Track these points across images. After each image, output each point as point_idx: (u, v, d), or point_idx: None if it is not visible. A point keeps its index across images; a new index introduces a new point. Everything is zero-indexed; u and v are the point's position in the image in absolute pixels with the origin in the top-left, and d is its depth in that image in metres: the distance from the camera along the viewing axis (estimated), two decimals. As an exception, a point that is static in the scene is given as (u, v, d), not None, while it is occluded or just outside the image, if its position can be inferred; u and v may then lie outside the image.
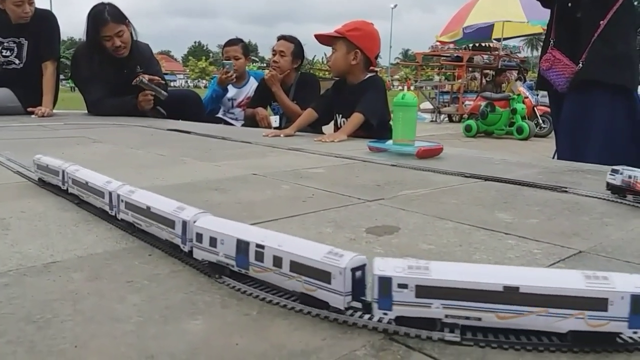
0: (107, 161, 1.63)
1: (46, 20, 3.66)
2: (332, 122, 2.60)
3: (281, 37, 3.42)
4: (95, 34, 3.38)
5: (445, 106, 11.23)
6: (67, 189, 1.01)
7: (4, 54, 3.65)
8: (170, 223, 0.71)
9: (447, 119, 11.20)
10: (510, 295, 0.48)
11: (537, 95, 8.11)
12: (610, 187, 1.12)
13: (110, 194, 0.85)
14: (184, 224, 0.69)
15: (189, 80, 59.37)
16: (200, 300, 0.58)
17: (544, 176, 1.39)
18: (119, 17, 3.42)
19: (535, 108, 7.65)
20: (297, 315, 0.54)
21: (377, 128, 2.29)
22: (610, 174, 1.12)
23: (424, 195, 1.13)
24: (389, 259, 0.52)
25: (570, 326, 0.48)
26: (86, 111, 3.85)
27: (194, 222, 0.67)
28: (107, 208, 0.86)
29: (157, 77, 3.47)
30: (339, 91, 2.47)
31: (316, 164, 1.59)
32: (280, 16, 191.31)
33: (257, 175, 1.36)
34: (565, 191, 1.18)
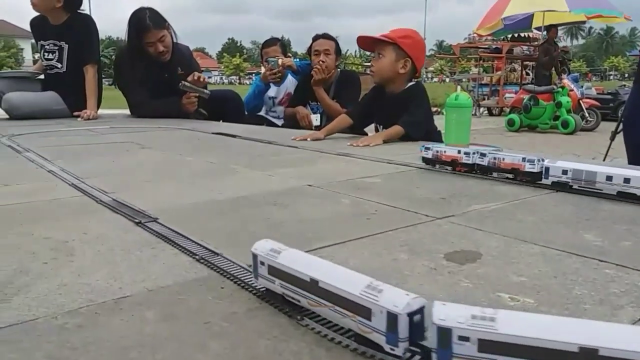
0: (159, 171, 1.61)
1: (85, 25, 3.71)
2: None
3: (320, 37, 3.36)
4: (137, 40, 3.40)
5: (485, 99, 10.98)
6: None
7: (46, 57, 3.73)
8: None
9: (486, 112, 10.95)
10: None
11: (582, 87, 7.83)
12: (424, 160, 1.53)
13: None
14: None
15: (223, 77, 60.03)
16: (286, 349, 0.53)
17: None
18: (160, 22, 3.44)
19: (580, 101, 7.38)
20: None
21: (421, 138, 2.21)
22: (424, 152, 1.52)
23: (496, 211, 1.06)
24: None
25: None
26: (129, 112, 3.90)
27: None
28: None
29: (199, 75, 3.47)
30: (378, 99, 2.35)
31: (370, 172, 1.53)
32: (314, 10, 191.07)
33: (313, 186, 1.32)
34: (650, 205, 1.09)
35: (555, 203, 1.14)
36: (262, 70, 3.95)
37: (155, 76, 3.52)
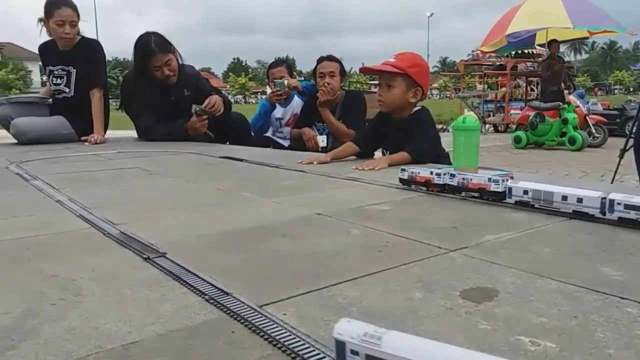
0: (168, 199, 1.60)
1: (92, 49, 3.75)
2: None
3: (325, 58, 3.38)
4: (143, 64, 3.43)
5: (490, 116, 10.98)
6: None
7: (55, 82, 3.76)
8: None
9: (492, 128, 10.95)
10: None
11: (588, 103, 7.82)
12: (400, 180, 1.62)
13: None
14: None
15: (229, 96, 60.50)
16: (302, 403, 0.51)
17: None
18: (166, 47, 3.47)
19: (587, 117, 7.36)
20: None
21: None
22: (400, 173, 1.62)
23: (510, 242, 1.04)
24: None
25: None
26: (136, 135, 3.92)
27: None
28: None
29: (215, 103, 3.47)
30: (384, 125, 2.34)
31: (378, 198, 1.52)
32: (317, 29, 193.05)
33: (322, 215, 1.30)
34: (667, 233, 1.06)
35: (570, 232, 1.11)
36: (268, 89, 3.97)
37: (161, 99, 3.54)
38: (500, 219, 1.24)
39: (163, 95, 3.53)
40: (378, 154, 2.48)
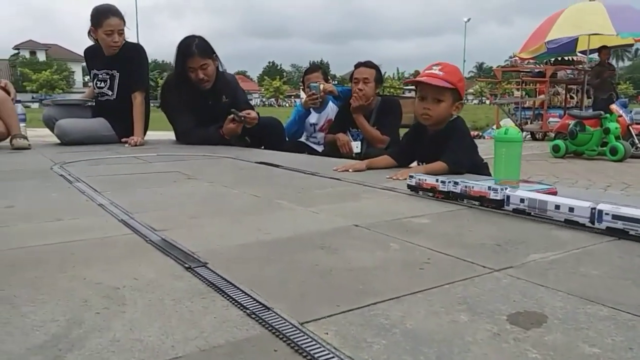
0: (206, 205, 1.61)
1: (136, 53, 3.84)
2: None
3: (361, 64, 3.37)
4: (182, 65, 3.49)
5: (527, 123, 10.74)
6: None
7: (98, 85, 3.86)
8: None
9: (529, 136, 10.70)
10: None
11: (632, 112, 7.56)
12: (409, 186, 1.71)
13: None
14: None
15: (264, 99, 61.10)
16: None
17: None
18: (206, 51, 3.52)
19: (630, 127, 7.11)
20: None
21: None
22: (409, 180, 1.72)
23: (557, 263, 1.00)
24: None
25: None
26: (174, 137, 3.98)
27: None
28: None
29: (253, 116, 3.50)
30: (419, 137, 2.32)
31: (417, 210, 1.50)
32: (352, 33, 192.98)
33: (360, 227, 1.29)
34: None
35: (620, 253, 1.07)
36: (302, 95, 3.99)
37: (199, 103, 3.59)
38: (545, 236, 1.20)
39: (201, 99, 3.58)
40: (414, 163, 2.45)
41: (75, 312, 0.77)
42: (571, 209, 1.25)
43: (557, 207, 1.28)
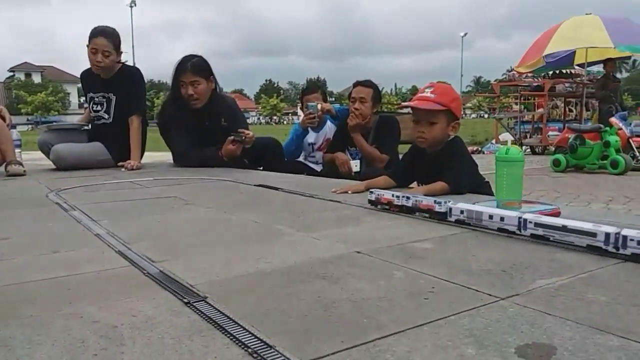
0: (205, 232, 1.61)
1: (132, 76, 3.86)
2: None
3: (359, 83, 3.40)
4: (175, 80, 3.52)
5: (527, 137, 10.78)
6: None
7: (94, 109, 3.87)
8: None
9: (529, 150, 10.73)
10: None
11: (631, 125, 7.59)
12: (369, 201, 1.89)
13: None
14: None
15: (260, 117, 61.37)
16: None
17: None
18: (201, 69, 3.54)
19: (630, 140, 7.13)
20: None
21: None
22: (369, 195, 1.90)
23: (564, 289, 0.99)
24: None
25: None
26: (171, 158, 3.98)
27: None
28: None
29: (251, 137, 3.50)
30: (419, 158, 2.33)
31: (420, 233, 1.49)
32: (350, 50, 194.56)
33: (362, 253, 1.28)
34: None
35: (627, 277, 1.06)
36: (299, 112, 4.01)
37: (196, 123, 3.59)
38: (550, 260, 1.19)
39: (197, 119, 3.59)
40: (415, 184, 2.44)
41: (73, 354, 0.76)
42: (502, 218, 1.42)
43: (491, 217, 1.45)
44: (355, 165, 3.34)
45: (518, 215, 1.39)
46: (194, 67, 3.51)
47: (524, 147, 10.39)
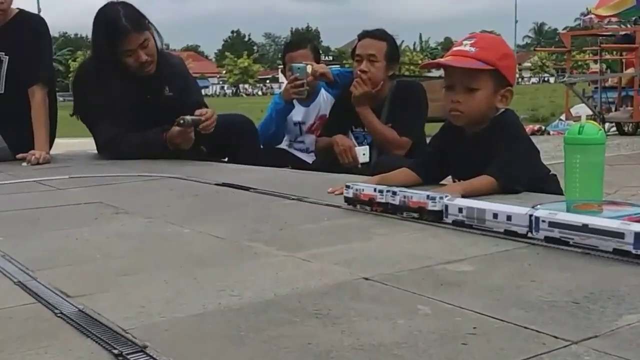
0: (143, 254, 1.62)
1: (33, 28, 3.81)
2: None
3: (367, 34, 3.40)
4: (111, 50, 3.48)
5: (612, 110, 10.84)
6: None
7: None
8: None
9: (614, 128, 10.80)
10: None
11: None
12: (345, 199, 2.02)
13: None
14: None
15: (225, 86, 61.21)
16: None
17: None
18: (141, 23, 3.54)
19: None
20: None
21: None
22: (345, 191, 2.02)
23: (662, 328, 1.00)
24: None
25: None
26: (95, 148, 3.97)
27: None
28: None
29: (211, 115, 3.49)
30: (454, 141, 2.34)
31: (455, 250, 1.50)
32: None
33: (371, 280, 1.29)
34: None
35: None
36: (281, 77, 4.02)
37: (133, 99, 3.58)
38: (638, 284, 1.21)
39: (136, 93, 3.58)
40: (449, 179, 2.45)
41: None
42: (509, 217, 1.55)
43: (495, 215, 1.59)
44: (362, 154, 3.34)
45: (529, 213, 1.50)
46: (134, 24, 3.49)
47: (607, 125, 10.46)
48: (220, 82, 62.95)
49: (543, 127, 11.37)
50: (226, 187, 2.58)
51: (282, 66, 4.21)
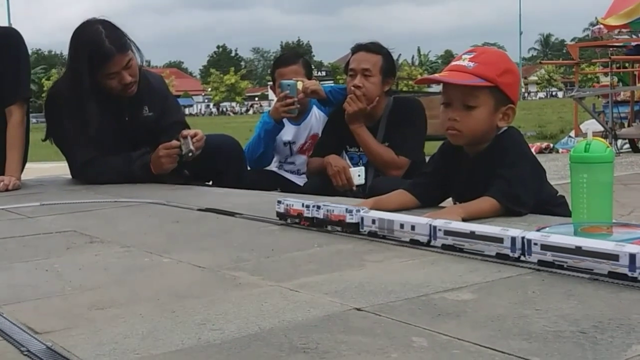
0: (118, 286, 1.61)
1: (8, 43, 3.81)
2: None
3: (360, 47, 3.41)
4: (94, 73, 3.46)
5: (624, 126, 10.89)
6: None
7: None
8: None
9: (627, 145, 10.84)
10: None
11: None
12: (278, 214, 2.22)
13: None
14: None
15: (210, 105, 61.24)
16: None
17: None
18: (123, 42, 3.53)
19: None
20: None
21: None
22: (277, 206, 2.21)
23: (676, 359, 1.00)
24: None
25: None
26: (69, 173, 3.96)
27: None
28: None
29: (199, 135, 3.50)
30: (454, 162, 2.35)
31: (455, 277, 1.50)
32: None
33: (364, 311, 1.29)
34: None
35: None
36: (271, 94, 4.03)
37: (110, 119, 3.59)
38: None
39: (113, 114, 3.58)
40: (449, 201, 2.46)
41: None
42: (413, 227, 1.79)
43: (402, 225, 1.84)
44: (357, 175, 3.35)
45: (429, 223, 1.74)
46: (117, 45, 3.49)
47: (619, 141, 10.51)
48: (206, 101, 62.97)
49: (551, 145, 11.38)
50: (210, 212, 2.58)
51: (271, 83, 4.22)
